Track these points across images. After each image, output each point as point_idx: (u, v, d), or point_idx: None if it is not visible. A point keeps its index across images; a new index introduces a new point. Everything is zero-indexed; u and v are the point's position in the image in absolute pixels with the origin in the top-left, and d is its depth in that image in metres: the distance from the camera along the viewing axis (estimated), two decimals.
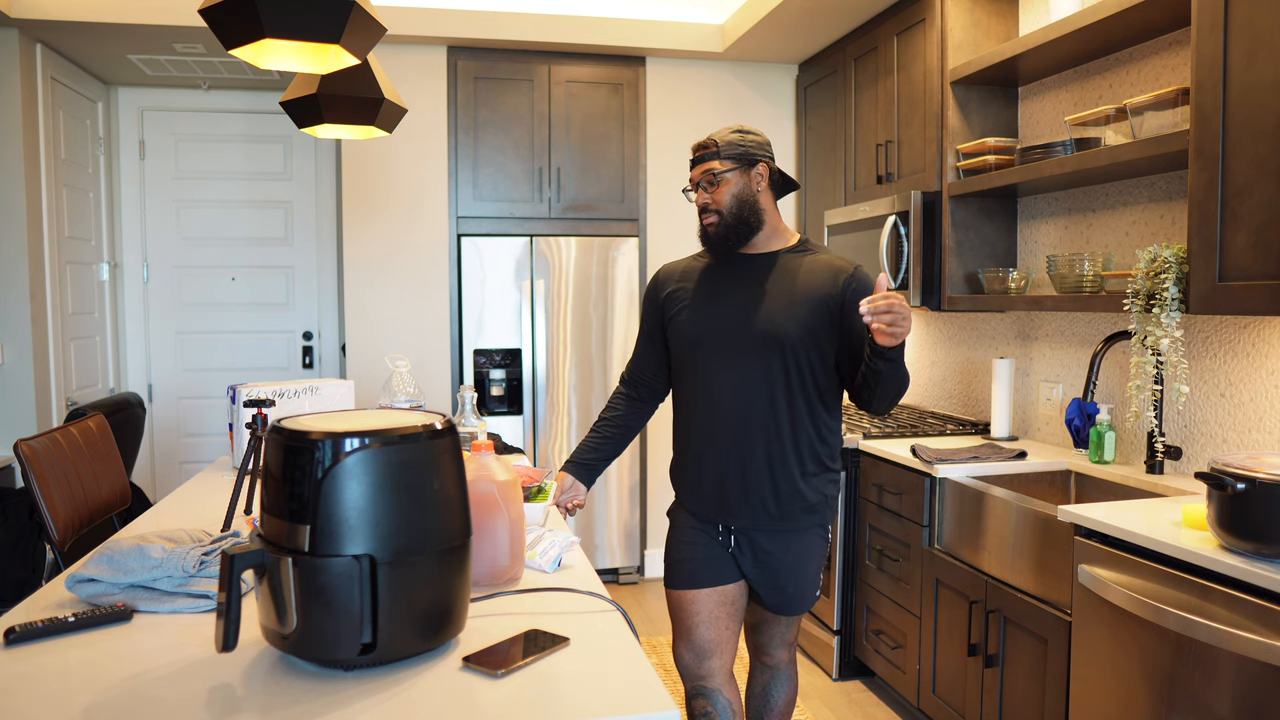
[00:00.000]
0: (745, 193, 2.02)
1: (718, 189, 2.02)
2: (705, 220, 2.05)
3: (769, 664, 2.23)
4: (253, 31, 1.57)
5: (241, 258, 4.92)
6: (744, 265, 2.07)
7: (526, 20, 4.06)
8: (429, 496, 1.23)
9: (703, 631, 2.04)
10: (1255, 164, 1.92)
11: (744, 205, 2.02)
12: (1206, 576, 1.74)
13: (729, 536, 2.06)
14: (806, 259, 2.04)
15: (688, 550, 2.08)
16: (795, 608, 2.09)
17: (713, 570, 2.05)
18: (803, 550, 2.05)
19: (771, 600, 2.08)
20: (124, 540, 1.54)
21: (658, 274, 2.20)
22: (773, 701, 2.24)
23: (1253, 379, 2.32)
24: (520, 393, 4.22)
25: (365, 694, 1.15)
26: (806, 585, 2.08)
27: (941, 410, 3.70)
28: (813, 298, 1.97)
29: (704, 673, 2.04)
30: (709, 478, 2.04)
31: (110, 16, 3.67)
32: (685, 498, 2.12)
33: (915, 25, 3.33)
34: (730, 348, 2.00)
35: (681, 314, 2.08)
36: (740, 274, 2.06)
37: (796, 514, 2.02)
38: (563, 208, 4.29)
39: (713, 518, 2.06)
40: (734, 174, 2.01)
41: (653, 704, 1.13)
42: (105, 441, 2.59)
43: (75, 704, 1.12)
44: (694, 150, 2.07)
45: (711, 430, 2.03)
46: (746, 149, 2.02)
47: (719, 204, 2.02)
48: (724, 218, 2.02)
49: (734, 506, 2.02)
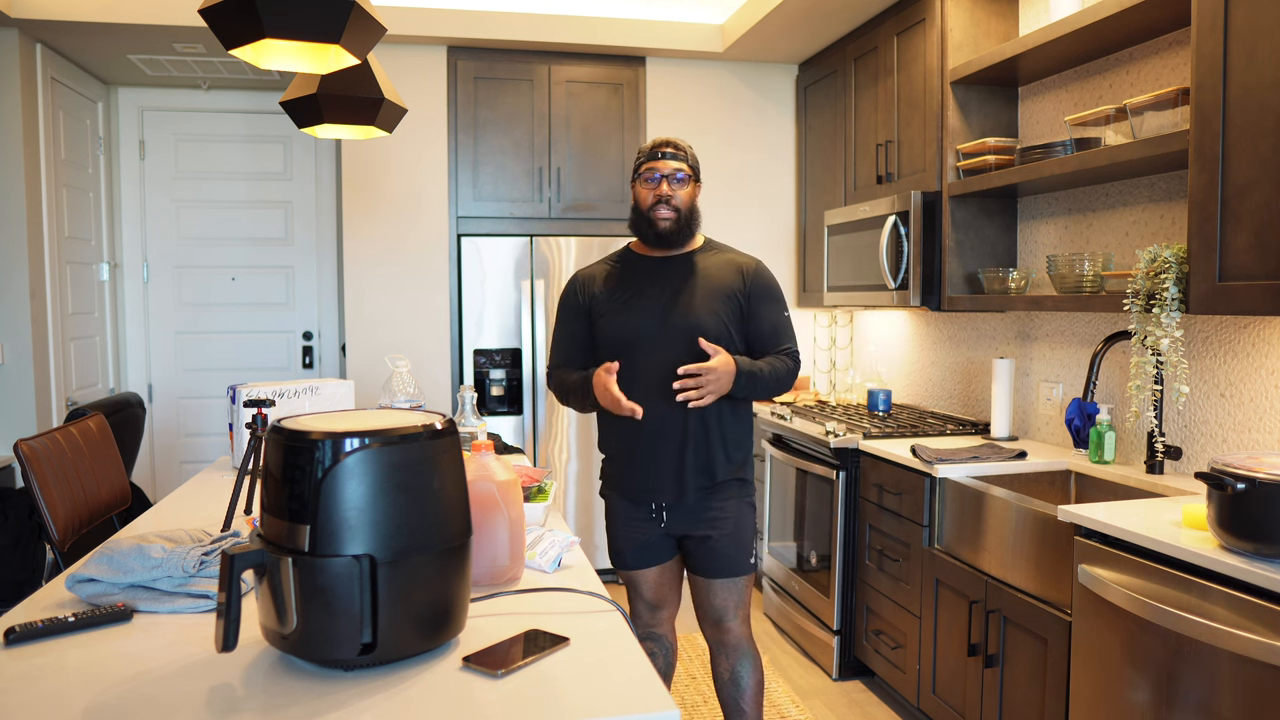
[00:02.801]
0: (695, 202, 2.29)
1: (682, 189, 2.24)
2: (661, 214, 2.22)
3: (729, 642, 2.32)
4: (253, 31, 1.57)
5: (241, 258, 4.92)
6: (661, 265, 2.28)
7: (526, 20, 4.06)
8: (429, 496, 1.23)
9: (652, 594, 2.36)
10: (1255, 164, 1.92)
11: (693, 212, 2.28)
12: (1206, 576, 1.74)
13: (660, 513, 2.26)
14: (714, 257, 2.30)
15: (626, 536, 2.31)
16: (730, 569, 2.26)
17: (652, 553, 2.31)
18: (727, 515, 2.25)
19: (705, 564, 2.27)
20: (124, 540, 1.54)
21: (576, 280, 2.35)
22: (743, 685, 2.33)
23: (1253, 379, 2.32)
24: (520, 393, 4.22)
25: (365, 694, 1.15)
26: (736, 547, 2.27)
27: (941, 410, 3.70)
28: (723, 293, 2.23)
29: (654, 622, 2.38)
30: (640, 461, 2.23)
31: (110, 16, 3.67)
32: (618, 482, 2.30)
33: (915, 25, 3.33)
34: (656, 340, 2.20)
35: (610, 314, 2.26)
36: (658, 273, 2.27)
37: (720, 486, 2.24)
38: (563, 208, 4.29)
39: (645, 498, 2.26)
40: (691, 182, 2.27)
41: (653, 704, 1.13)
42: (105, 441, 2.59)
43: (75, 704, 1.12)
44: (663, 145, 2.23)
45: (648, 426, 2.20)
46: (698, 167, 2.30)
47: (680, 203, 2.23)
48: (680, 216, 2.24)
49: (664, 486, 2.22)
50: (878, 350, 4.19)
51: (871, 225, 3.43)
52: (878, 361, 4.15)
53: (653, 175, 2.22)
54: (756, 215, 4.50)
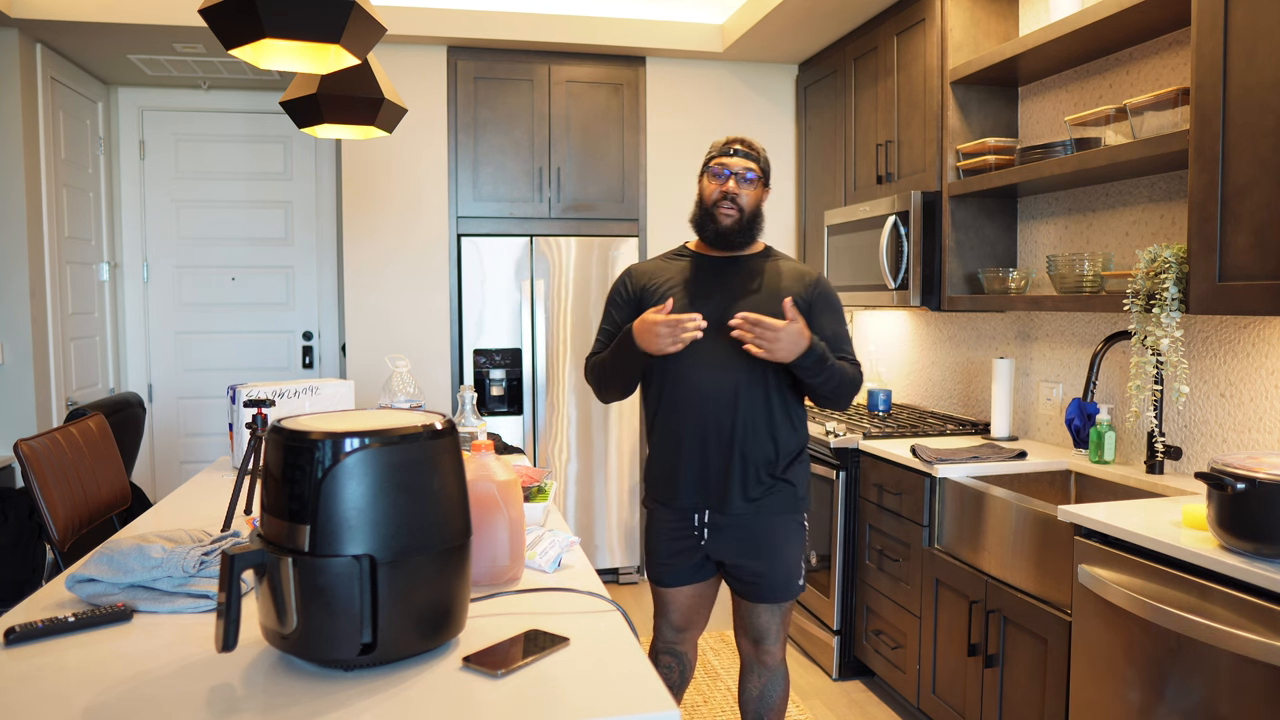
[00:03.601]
0: (760, 205, 2.20)
1: (749, 189, 2.15)
2: (724, 210, 2.13)
3: (767, 662, 2.25)
4: (253, 31, 1.57)
5: (241, 258, 4.92)
6: (722, 267, 2.20)
7: (526, 20, 4.05)
8: (429, 496, 1.23)
9: (680, 617, 2.26)
10: (1255, 164, 1.92)
11: (757, 214, 2.19)
12: (1206, 576, 1.74)
13: (703, 530, 2.15)
14: (775, 264, 2.21)
15: (665, 549, 2.20)
16: (774, 595, 2.17)
17: (686, 570, 2.20)
18: (778, 537, 2.15)
19: (746, 588, 2.18)
20: (124, 540, 1.54)
21: (630, 272, 2.26)
22: (771, 701, 2.28)
23: (1253, 379, 2.32)
24: (520, 393, 4.22)
25: (365, 694, 1.15)
26: (786, 572, 2.17)
27: (941, 410, 3.70)
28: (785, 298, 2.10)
29: (678, 640, 2.29)
30: (689, 468, 2.13)
31: (110, 16, 3.67)
32: (662, 490, 2.19)
33: (915, 25, 3.33)
34: (711, 342, 2.09)
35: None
36: (719, 275, 2.19)
37: (770, 500, 2.13)
38: (563, 208, 4.29)
39: (690, 508, 2.15)
40: (760, 184, 2.18)
41: (653, 704, 1.13)
42: (105, 441, 2.59)
43: (75, 704, 1.12)
44: (736, 142, 2.16)
45: (693, 422, 2.11)
46: (770, 170, 2.21)
47: (744, 202, 2.14)
48: (743, 216, 2.15)
49: (712, 496, 2.12)
50: (878, 350, 4.19)
51: (871, 225, 3.43)
52: (878, 361, 4.15)
53: (721, 171, 2.14)
54: None
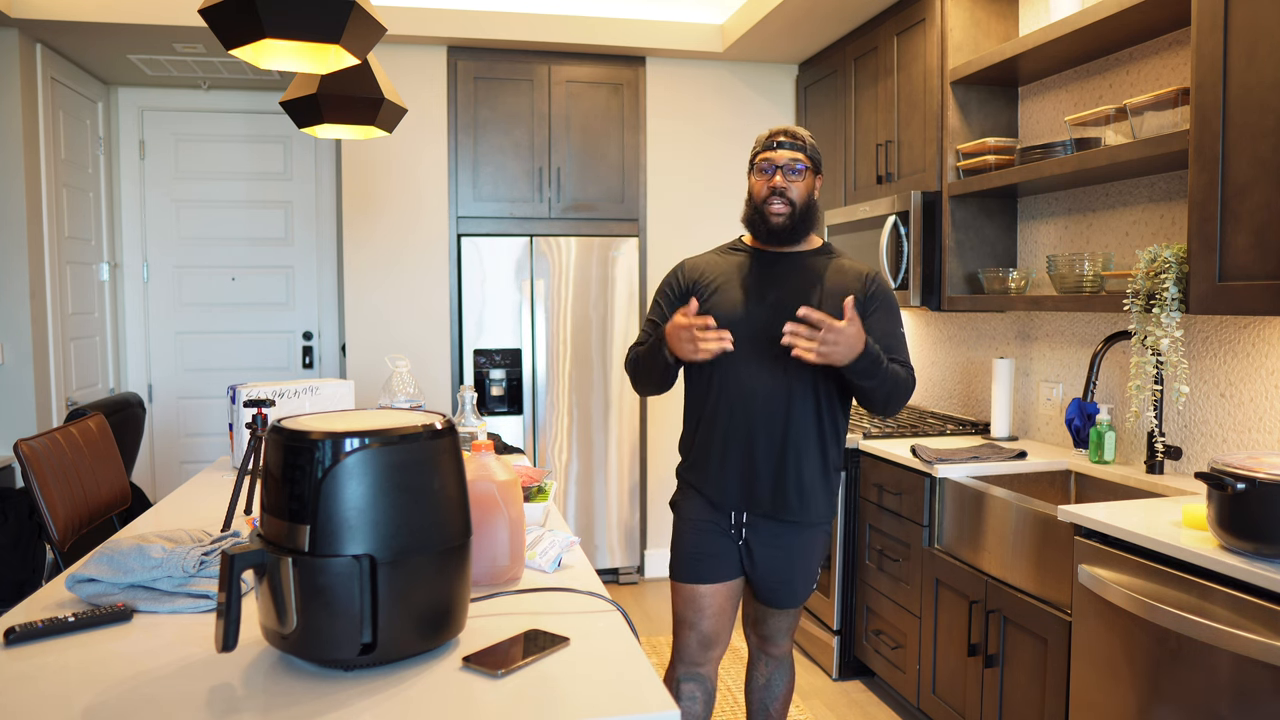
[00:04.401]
0: (812, 195, 2.11)
1: (798, 181, 2.06)
2: (774, 207, 2.06)
3: (775, 655, 2.28)
4: (253, 31, 1.57)
5: (241, 258, 4.92)
6: (777, 263, 2.12)
7: (526, 20, 4.05)
8: (429, 496, 1.23)
9: (710, 624, 2.12)
10: (1255, 164, 1.92)
11: (810, 206, 2.10)
12: (1206, 576, 1.74)
13: (740, 530, 2.10)
14: (833, 261, 2.13)
15: (699, 544, 2.11)
16: (794, 601, 2.17)
17: (722, 566, 2.11)
18: (809, 546, 2.13)
19: (769, 594, 2.15)
20: (124, 540, 1.54)
21: (684, 265, 2.19)
22: (776, 690, 2.30)
23: (1253, 379, 2.32)
24: (520, 393, 4.22)
25: (365, 694, 1.15)
26: (808, 579, 2.17)
27: (941, 410, 3.70)
28: (842, 297, 2.04)
29: (704, 660, 2.14)
30: (734, 468, 2.06)
31: (110, 16, 3.67)
32: (704, 485, 2.11)
33: (915, 25, 3.33)
34: (764, 342, 2.03)
35: (717, 307, 2.08)
36: (773, 271, 2.11)
37: (813, 509, 2.08)
38: (563, 208, 4.29)
39: (731, 506, 2.08)
40: (809, 174, 2.09)
41: (653, 704, 1.13)
42: (105, 441, 2.59)
43: (75, 704, 1.12)
44: (779, 134, 2.07)
45: (741, 421, 2.05)
46: (819, 157, 2.12)
47: (795, 195, 2.06)
48: (795, 210, 2.07)
49: (757, 498, 2.06)
50: None
51: (871, 225, 3.43)
52: None
53: (768, 166, 2.06)
54: None
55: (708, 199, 4.47)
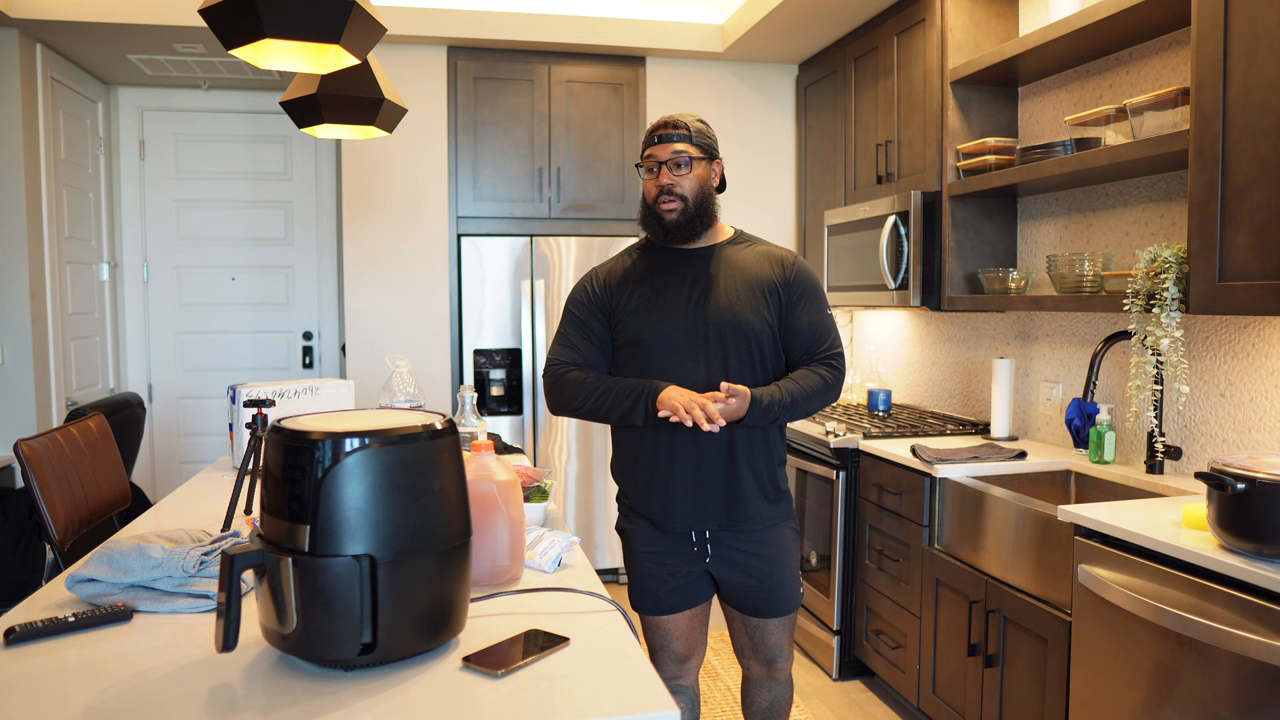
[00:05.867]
0: (707, 185, 2.00)
1: (685, 174, 1.96)
2: (666, 205, 1.96)
3: (779, 678, 2.14)
4: (253, 31, 1.57)
5: (241, 258, 4.92)
6: (686, 259, 2.03)
7: (526, 20, 4.05)
8: (429, 496, 1.23)
9: (682, 644, 2.07)
10: (1255, 164, 1.92)
11: (706, 197, 1.99)
12: (1206, 576, 1.74)
13: (704, 546, 2.00)
14: (747, 249, 2.04)
15: (655, 576, 2.01)
16: (782, 607, 2.05)
17: (683, 595, 2.02)
18: (780, 546, 2.04)
19: (757, 605, 2.04)
20: (124, 540, 1.54)
21: (594, 274, 2.08)
22: (779, 708, 2.19)
23: (1253, 379, 2.32)
24: (520, 393, 4.22)
25: (365, 694, 1.15)
26: (791, 581, 2.06)
27: (941, 410, 3.70)
28: (760, 286, 1.97)
29: (682, 673, 2.11)
30: (680, 484, 1.95)
31: (110, 16, 3.67)
32: (651, 510, 2.00)
33: (915, 25, 3.33)
34: (690, 344, 1.94)
35: (632, 312, 1.99)
36: (685, 268, 2.01)
37: (770, 509, 2.01)
38: (563, 208, 4.29)
39: (685, 528, 1.98)
40: (700, 163, 1.98)
41: (653, 704, 1.13)
42: (105, 441, 2.59)
43: (75, 704, 1.12)
44: (660, 128, 1.97)
45: (683, 434, 1.94)
46: (712, 141, 2.00)
47: (685, 190, 1.96)
48: (687, 206, 1.97)
49: (710, 512, 1.96)
50: (878, 350, 4.19)
51: (871, 225, 3.43)
52: (878, 361, 4.15)
53: (652, 164, 1.97)
54: (756, 215, 4.50)
55: None
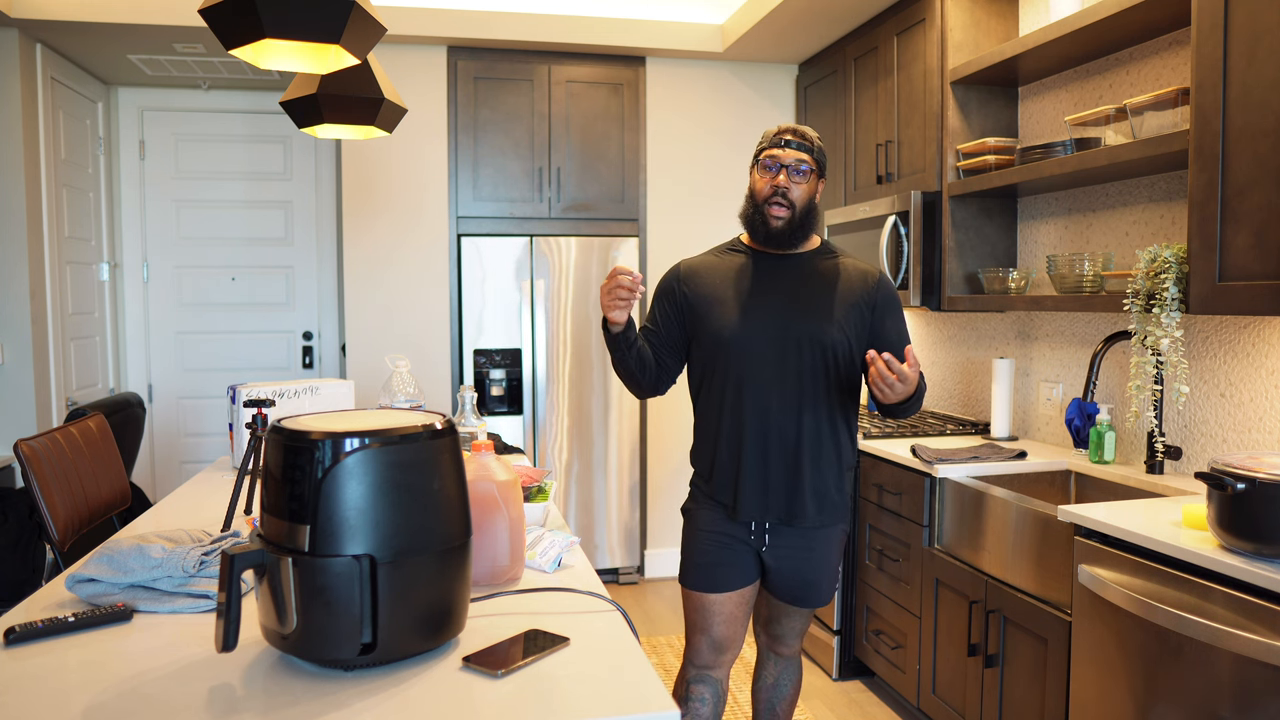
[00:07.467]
0: (814, 199, 2.06)
1: (800, 183, 2.01)
2: (775, 209, 2.01)
3: (785, 655, 2.27)
4: (253, 31, 1.57)
5: (241, 258, 4.92)
6: (779, 265, 2.08)
7: (526, 20, 4.06)
8: (429, 496, 1.23)
9: (722, 629, 2.10)
10: (1255, 164, 1.92)
11: (811, 209, 2.06)
12: (1206, 576, 1.74)
13: (762, 535, 2.07)
14: (835, 262, 2.09)
15: (712, 553, 2.08)
16: (817, 601, 2.15)
17: (736, 573, 2.07)
18: (830, 546, 2.12)
19: (795, 595, 2.13)
20: (124, 540, 1.54)
21: (680, 269, 2.14)
22: (784, 690, 2.30)
23: (1253, 379, 2.32)
24: (520, 393, 4.22)
25: (365, 694, 1.15)
26: (831, 580, 2.16)
27: (941, 410, 3.70)
28: (848, 301, 2.03)
29: (715, 664, 2.12)
30: (749, 479, 2.03)
31: (110, 16, 3.67)
32: (720, 495, 2.07)
33: (915, 25, 3.33)
34: (772, 347, 2.00)
35: (716, 310, 2.05)
36: (776, 273, 2.06)
37: (832, 510, 2.08)
38: (563, 208, 4.29)
39: (749, 516, 2.04)
40: (813, 177, 2.03)
41: (653, 704, 1.13)
42: (105, 441, 2.59)
43: (75, 704, 1.12)
44: (787, 132, 2.01)
45: (754, 432, 2.02)
46: (825, 161, 2.06)
47: (796, 197, 2.01)
48: (795, 213, 2.02)
49: (776, 505, 2.03)
50: None
51: (871, 225, 3.43)
52: None
53: (773, 164, 2.00)
54: None
55: (708, 199, 4.47)
